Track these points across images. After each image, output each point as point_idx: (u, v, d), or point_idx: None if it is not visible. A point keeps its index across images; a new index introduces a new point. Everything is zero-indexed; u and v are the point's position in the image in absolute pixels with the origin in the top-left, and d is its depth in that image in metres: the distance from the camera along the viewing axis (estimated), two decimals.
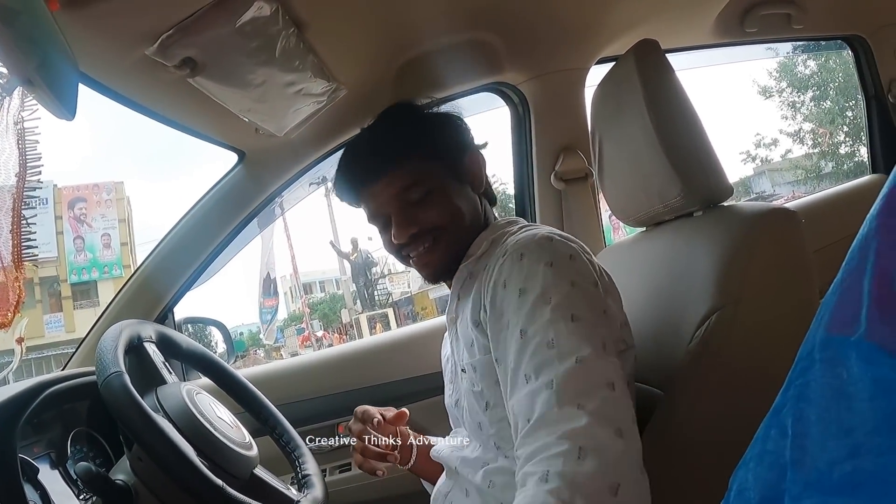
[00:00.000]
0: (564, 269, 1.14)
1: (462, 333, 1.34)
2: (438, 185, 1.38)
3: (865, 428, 0.51)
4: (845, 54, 3.02)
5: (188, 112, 1.72)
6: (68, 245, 27.17)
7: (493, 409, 1.27)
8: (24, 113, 1.31)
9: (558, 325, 1.06)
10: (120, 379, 1.14)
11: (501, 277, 1.18)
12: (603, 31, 2.08)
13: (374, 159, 1.40)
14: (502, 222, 1.43)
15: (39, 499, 1.39)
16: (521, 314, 1.11)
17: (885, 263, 0.54)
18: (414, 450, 1.66)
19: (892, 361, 0.50)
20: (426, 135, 1.42)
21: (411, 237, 1.38)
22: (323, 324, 29.91)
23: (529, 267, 1.15)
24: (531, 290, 1.12)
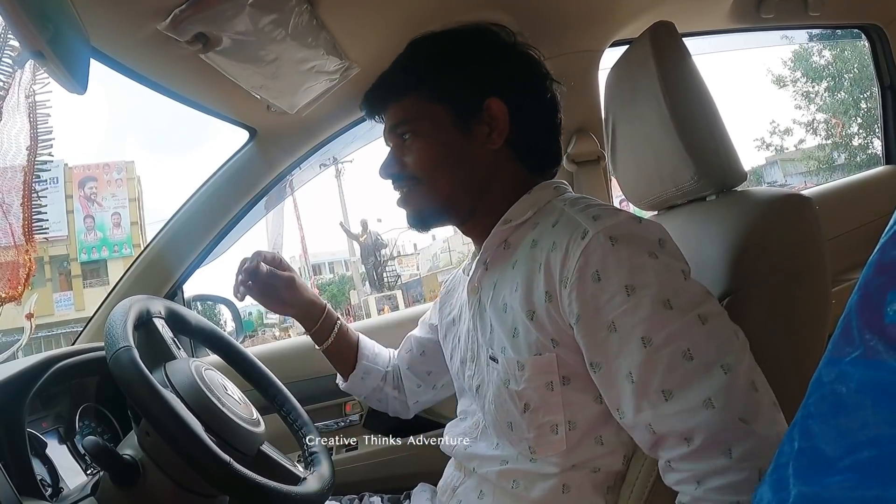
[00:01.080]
0: (669, 258, 1.07)
1: (496, 316, 1.25)
2: (429, 129, 1.31)
3: (868, 432, 0.51)
4: (861, 44, 3.00)
5: (200, 88, 1.72)
6: (78, 224, 27.28)
7: (534, 412, 1.18)
8: (36, 86, 1.31)
9: (691, 331, 1.01)
10: (129, 353, 1.14)
11: (590, 267, 1.06)
12: (618, 14, 2.07)
13: (384, 89, 1.37)
14: (549, 186, 1.33)
15: (47, 473, 1.40)
16: (638, 318, 1.03)
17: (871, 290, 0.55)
18: (334, 331, 1.68)
19: (891, 366, 0.51)
20: (439, 71, 1.31)
21: (391, 176, 1.36)
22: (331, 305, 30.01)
23: (630, 258, 1.05)
24: (642, 287, 1.03)
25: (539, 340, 1.15)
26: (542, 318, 1.14)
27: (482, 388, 1.30)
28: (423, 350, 1.70)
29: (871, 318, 0.54)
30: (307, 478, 1.34)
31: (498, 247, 1.29)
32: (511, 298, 1.20)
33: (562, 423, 1.16)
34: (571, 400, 1.16)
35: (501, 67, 1.32)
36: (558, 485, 1.18)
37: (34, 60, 1.08)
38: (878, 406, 0.51)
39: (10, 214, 1.38)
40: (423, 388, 1.72)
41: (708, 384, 0.98)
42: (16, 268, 1.42)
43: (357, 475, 2.12)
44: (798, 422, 0.60)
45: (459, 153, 1.30)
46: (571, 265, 1.08)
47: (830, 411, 0.56)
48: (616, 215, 1.11)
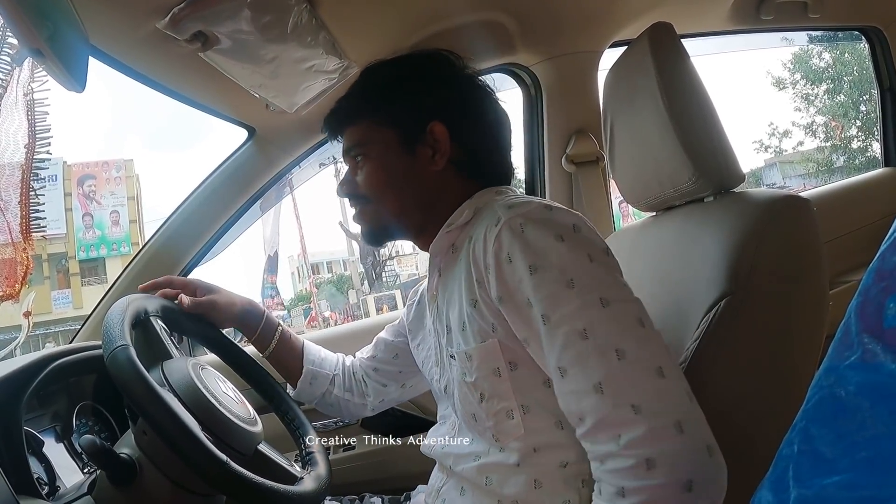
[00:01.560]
0: (575, 243, 1.10)
1: (450, 316, 1.30)
2: (378, 152, 1.38)
3: (865, 433, 0.51)
4: (861, 47, 3.02)
5: (199, 87, 1.71)
6: (77, 222, 27.24)
7: (489, 400, 1.22)
8: (34, 84, 1.31)
9: (589, 312, 1.03)
10: (126, 352, 1.14)
11: (503, 251, 1.12)
12: (617, 14, 2.07)
13: (340, 114, 1.43)
14: (491, 191, 1.36)
15: (44, 471, 1.40)
16: (541, 297, 1.07)
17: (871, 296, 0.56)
18: (275, 337, 1.67)
19: (889, 369, 0.51)
20: (387, 98, 1.38)
21: (347, 196, 1.44)
22: (330, 304, 29.96)
23: (536, 241, 1.10)
24: (545, 268, 1.07)
25: (482, 328, 1.20)
26: (480, 305, 1.19)
27: (449, 388, 1.35)
28: (396, 353, 1.72)
29: (870, 322, 0.54)
30: (304, 477, 1.34)
31: (446, 252, 1.33)
32: (458, 294, 1.26)
33: (516, 408, 1.20)
34: (521, 385, 1.19)
35: (444, 93, 1.38)
36: (529, 480, 1.21)
37: (32, 58, 1.08)
38: (876, 408, 0.51)
39: (7, 212, 1.38)
40: (390, 387, 1.74)
41: (600, 366, 1.00)
42: (13, 266, 1.42)
43: (356, 475, 2.12)
44: (797, 425, 0.60)
45: (405, 174, 1.37)
46: (490, 251, 1.14)
47: (829, 414, 0.56)
48: (528, 204, 1.17)
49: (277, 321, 1.70)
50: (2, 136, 1.31)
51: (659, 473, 0.93)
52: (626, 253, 1.57)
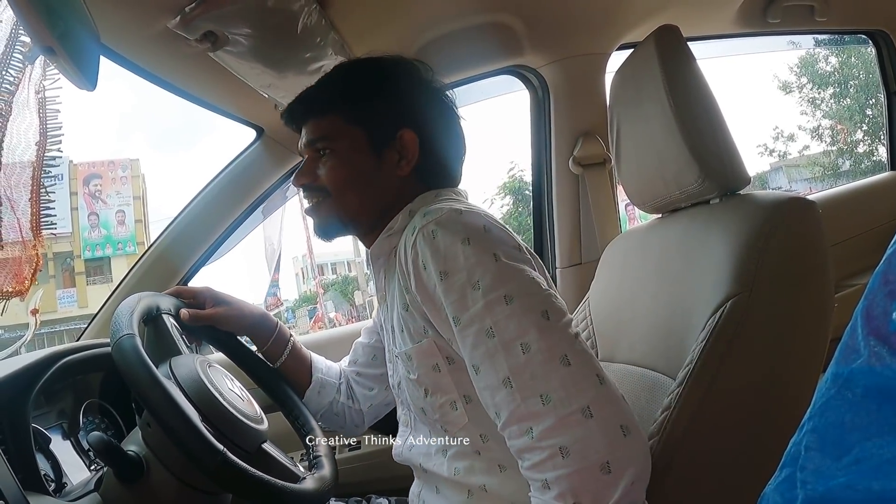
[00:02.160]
0: (482, 244, 1.12)
1: (394, 319, 1.33)
2: (345, 149, 1.37)
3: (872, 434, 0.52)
4: (867, 51, 3.02)
5: (208, 86, 1.72)
6: (83, 221, 27.23)
7: (433, 395, 1.26)
8: (46, 82, 1.32)
9: (493, 310, 1.06)
10: (131, 340, 1.15)
11: (419, 259, 1.16)
12: (625, 17, 2.08)
13: (307, 103, 1.43)
14: (429, 196, 1.38)
15: (51, 468, 1.40)
16: (450, 301, 1.11)
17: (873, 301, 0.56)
18: (287, 348, 1.67)
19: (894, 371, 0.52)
20: (363, 97, 1.38)
21: (303, 186, 1.42)
22: (335, 305, 29.92)
23: (445, 247, 1.13)
24: (453, 272, 1.11)
25: (416, 329, 1.24)
26: (411, 309, 1.23)
27: (400, 385, 1.38)
28: (374, 354, 1.73)
29: (876, 326, 0.55)
30: (307, 478, 1.34)
31: (389, 256, 1.37)
32: (395, 298, 1.29)
33: (458, 399, 1.24)
34: (460, 377, 1.21)
35: (418, 101, 1.40)
36: (493, 465, 1.24)
37: (45, 56, 1.08)
38: (883, 409, 0.52)
39: (17, 210, 1.39)
40: (375, 390, 1.75)
41: (506, 362, 1.03)
42: (23, 263, 1.42)
43: (360, 475, 2.12)
44: (804, 426, 0.61)
45: (369, 175, 1.37)
46: (409, 260, 1.18)
47: (836, 416, 0.57)
48: (440, 210, 1.18)
49: (290, 333, 1.70)
50: (13, 133, 1.31)
51: (573, 461, 0.96)
52: (632, 254, 1.58)
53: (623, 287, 1.61)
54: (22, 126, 1.31)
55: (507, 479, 1.21)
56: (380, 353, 1.69)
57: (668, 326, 1.34)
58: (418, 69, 1.43)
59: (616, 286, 1.65)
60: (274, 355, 1.65)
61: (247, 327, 1.62)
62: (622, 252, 1.68)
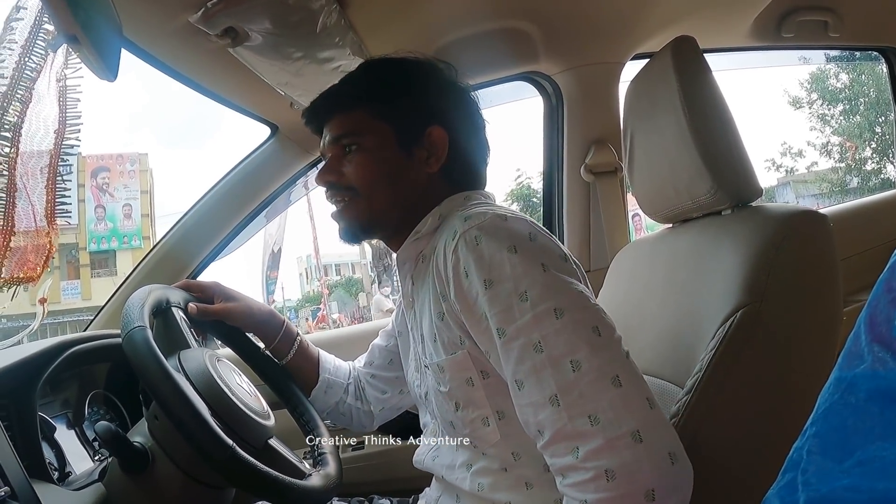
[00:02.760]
0: (529, 253, 1.09)
1: (423, 325, 1.30)
2: (373, 145, 1.34)
3: (875, 437, 0.52)
4: (878, 69, 3.03)
5: (226, 82, 1.73)
6: (89, 213, 27.27)
7: (464, 409, 1.23)
8: (67, 71, 1.32)
9: (542, 324, 1.03)
10: (142, 332, 1.15)
11: (461, 265, 1.13)
12: (640, 27, 2.08)
13: (332, 99, 1.40)
14: (459, 197, 1.35)
15: (55, 457, 1.41)
16: (496, 311, 1.07)
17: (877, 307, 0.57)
18: (294, 346, 1.66)
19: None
20: (390, 93, 1.35)
21: (328, 185, 1.38)
22: (339, 304, 29.95)
23: (490, 254, 1.09)
24: (499, 281, 1.07)
25: (451, 340, 1.20)
26: (447, 318, 1.19)
27: (428, 396, 1.35)
28: (391, 358, 1.71)
29: (879, 332, 0.55)
30: (312, 474, 1.34)
31: (416, 260, 1.34)
32: (429, 307, 1.25)
33: (491, 415, 1.20)
34: (494, 392, 1.19)
35: (447, 99, 1.38)
36: (519, 483, 1.21)
37: (68, 45, 1.09)
38: (886, 413, 0.52)
39: (33, 196, 1.39)
40: (389, 394, 1.73)
41: (555, 379, 1.00)
42: (36, 249, 1.43)
43: (364, 476, 2.12)
44: (807, 431, 0.61)
45: (398, 172, 1.34)
46: (449, 265, 1.14)
47: (839, 420, 0.57)
48: (483, 215, 1.15)
49: (297, 331, 1.69)
50: (33, 120, 1.32)
51: (618, 485, 0.93)
52: (642, 263, 1.58)
53: (632, 295, 1.60)
54: (42, 113, 1.32)
55: (532, 497, 1.20)
56: (396, 357, 1.67)
57: (676, 335, 1.34)
58: (445, 69, 1.42)
59: (624, 294, 1.65)
60: (281, 353, 1.65)
61: (254, 324, 1.61)
62: (632, 260, 1.68)
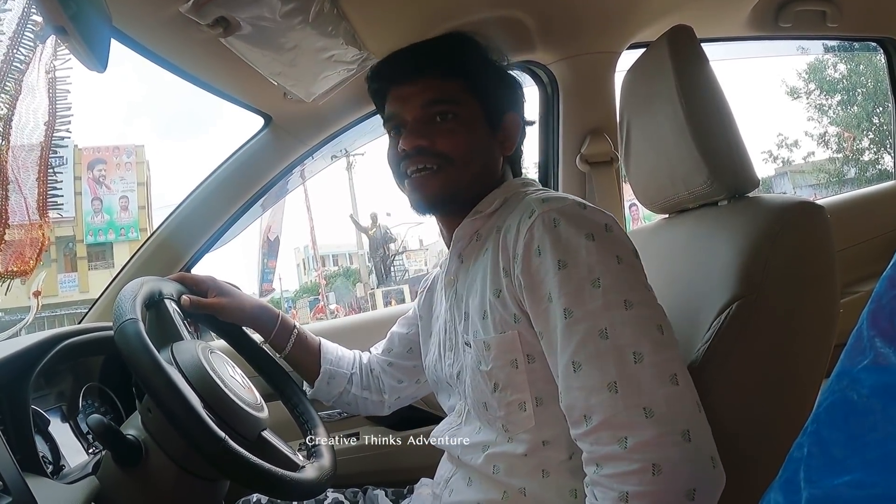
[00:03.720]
0: (606, 243, 1.11)
1: (470, 303, 1.30)
2: (468, 117, 1.35)
3: (876, 434, 0.52)
4: (876, 59, 3.02)
5: (218, 73, 1.72)
6: (86, 206, 27.28)
7: (503, 391, 1.23)
8: (56, 62, 1.31)
9: (611, 312, 1.04)
10: (134, 325, 1.15)
11: (534, 243, 1.13)
12: (637, 16, 2.07)
13: (424, 60, 1.39)
14: (517, 182, 1.40)
15: (49, 451, 1.40)
16: (566, 291, 1.08)
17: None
18: (291, 338, 1.66)
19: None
20: (481, 69, 1.39)
21: (418, 150, 1.34)
22: (336, 295, 30.00)
23: (567, 237, 1.10)
24: (574, 265, 1.08)
25: (503, 318, 1.21)
26: (505, 294, 1.20)
27: (461, 375, 1.35)
28: (411, 347, 1.71)
29: (882, 328, 0.55)
30: (306, 467, 1.34)
31: (470, 239, 1.35)
32: (482, 282, 1.27)
33: (529, 400, 1.21)
34: (537, 377, 1.20)
35: (518, 90, 1.45)
36: (537, 469, 1.21)
37: (56, 36, 1.08)
38: (888, 409, 0.52)
39: (25, 189, 1.39)
40: (405, 383, 1.73)
41: (617, 367, 1.01)
42: (28, 243, 1.42)
43: (359, 467, 2.12)
44: (808, 428, 0.61)
45: (486, 149, 1.38)
46: (520, 242, 1.16)
47: (841, 417, 0.57)
48: (563, 200, 1.18)
49: (293, 322, 1.69)
50: (22, 113, 1.31)
51: (664, 480, 0.94)
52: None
53: None
54: (31, 106, 1.31)
55: (548, 485, 1.20)
56: (416, 346, 1.68)
57: (673, 326, 1.33)
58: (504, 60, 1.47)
59: None
60: (279, 346, 1.65)
61: (247, 319, 1.61)
62: None
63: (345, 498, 1.62)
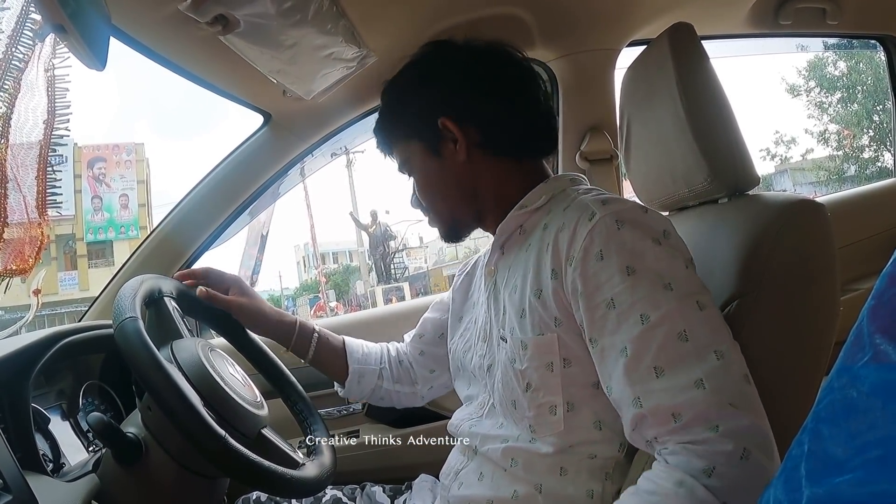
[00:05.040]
0: (672, 248, 1.11)
1: (509, 298, 1.29)
2: (417, 166, 1.44)
3: (877, 432, 0.52)
4: (876, 57, 3.02)
5: (217, 71, 1.72)
6: (86, 204, 27.32)
7: (535, 392, 1.21)
8: (55, 60, 1.31)
9: (687, 314, 1.04)
10: (134, 323, 1.15)
11: (594, 247, 1.11)
12: (636, 13, 2.07)
13: (379, 145, 1.52)
14: (565, 178, 1.38)
15: (49, 449, 1.41)
16: (638, 297, 1.06)
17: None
18: (312, 343, 1.66)
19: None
20: (397, 117, 1.44)
21: (416, 208, 1.51)
22: (336, 293, 30.03)
23: (633, 241, 1.09)
24: (643, 270, 1.07)
25: (543, 320, 1.20)
26: (548, 296, 1.18)
27: (493, 368, 1.34)
28: (442, 332, 1.69)
29: (883, 324, 0.55)
30: (306, 464, 1.34)
31: (514, 232, 1.35)
32: (522, 280, 1.25)
33: (560, 405, 1.20)
34: (571, 382, 1.19)
35: (436, 89, 1.39)
36: (555, 467, 1.21)
37: (55, 34, 1.08)
38: (888, 406, 0.52)
39: (24, 187, 1.38)
40: (437, 372, 1.72)
41: (701, 366, 1.01)
42: (28, 242, 1.42)
43: (358, 464, 2.13)
44: (808, 425, 0.61)
45: (440, 176, 1.41)
46: (578, 244, 1.13)
47: (841, 415, 0.57)
48: (624, 202, 1.16)
49: (313, 326, 1.69)
50: (21, 111, 1.31)
51: (749, 466, 0.94)
52: None
53: None
54: (30, 104, 1.31)
55: (564, 482, 1.20)
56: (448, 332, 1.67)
57: None
58: (433, 52, 1.44)
59: None
60: (301, 352, 1.66)
61: (262, 325, 1.61)
62: None
63: (343, 495, 1.62)
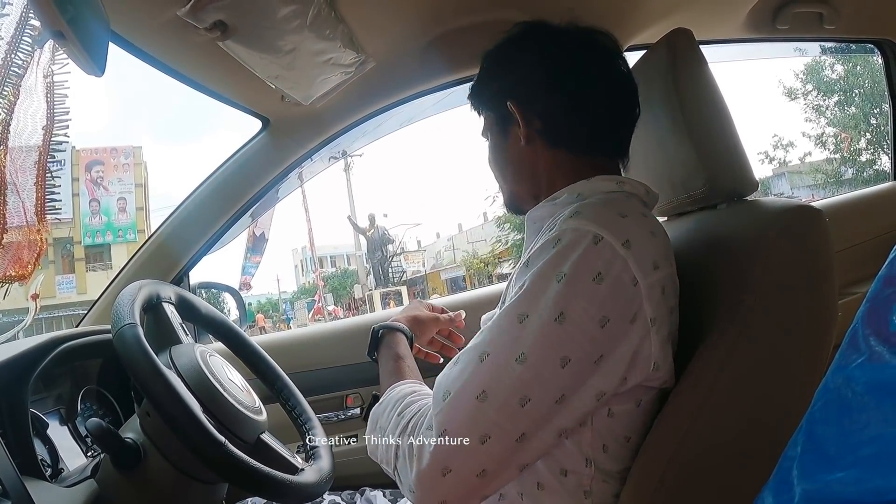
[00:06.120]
0: (574, 292, 1.04)
1: (509, 292, 1.24)
2: (490, 137, 1.42)
3: (870, 431, 0.52)
4: (873, 60, 3.03)
5: (216, 76, 1.72)
6: (84, 207, 27.30)
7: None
8: (54, 66, 1.31)
9: (500, 358, 1.05)
10: (133, 330, 1.15)
11: (533, 254, 1.10)
12: (634, 19, 2.07)
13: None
14: (596, 180, 1.27)
15: (48, 454, 1.41)
16: (499, 317, 1.09)
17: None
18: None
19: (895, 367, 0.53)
20: (484, 88, 1.42)
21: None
22: (334, 297, 30.03)
23: (545, 265, 1.06)
24: (522, 293, 1.07)
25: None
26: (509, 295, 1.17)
27: None
28: None
29: (877, 327, 0.55)
30: (305, 469, 1.34)
31: (534, 222, 1.33)
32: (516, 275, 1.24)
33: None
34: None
35: (510, 72, 1.36)
36: (532, 482, 1.18)
37: (54, 40, 1.08)
38: (882, 405, 0.52)
39: (22, 192, 1.39)
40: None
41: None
42: (27, 247, 1.42)
43: (356, 469, 2.12)
44: (803, 427, 0.61)
45: (504, 153, 1.39)
46: (532, 248, 1.14)
47: (835, 414, 0.57)
48: (590, 222, 1.09)
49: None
50: (20, 117, 1.31)
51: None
52: None
53: None
54: (29, 110, 1.31)
55: (540, 497, 1.18)
56: None
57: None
58: (521, 33, 1.40)
59: None
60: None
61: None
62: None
63: (342, 500, 1.62)
